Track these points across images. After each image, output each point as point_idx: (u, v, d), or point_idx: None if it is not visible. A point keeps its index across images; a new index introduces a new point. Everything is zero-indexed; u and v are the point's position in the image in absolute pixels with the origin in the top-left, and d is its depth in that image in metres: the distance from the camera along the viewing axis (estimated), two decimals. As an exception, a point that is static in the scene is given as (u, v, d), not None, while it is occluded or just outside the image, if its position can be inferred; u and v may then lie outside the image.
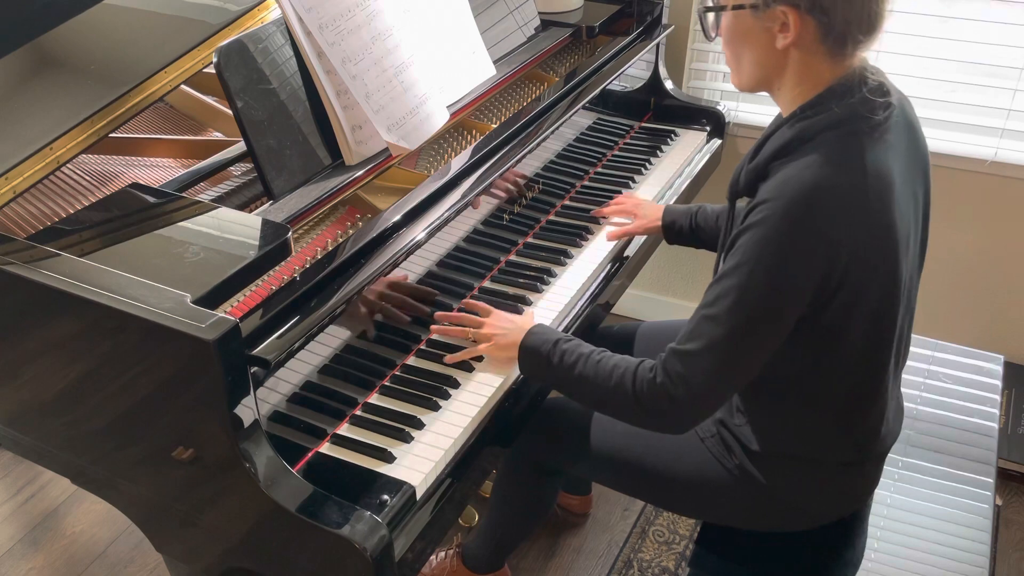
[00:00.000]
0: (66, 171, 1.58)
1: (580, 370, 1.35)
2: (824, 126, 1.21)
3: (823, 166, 1.18)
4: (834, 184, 1.18)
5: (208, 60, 1.56)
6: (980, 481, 1.77)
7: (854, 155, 1.20)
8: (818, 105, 1.23)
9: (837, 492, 1.44)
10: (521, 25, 2.04)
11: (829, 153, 1.19)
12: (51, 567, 2.11)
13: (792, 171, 1.20)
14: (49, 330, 1.23)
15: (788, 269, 1.19)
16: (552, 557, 2.11)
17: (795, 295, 1.21)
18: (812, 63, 1.23)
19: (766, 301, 1.20)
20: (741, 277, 1.20)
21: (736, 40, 1.27)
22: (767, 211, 1.19)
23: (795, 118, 1.24)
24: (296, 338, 1.24)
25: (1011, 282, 2.38)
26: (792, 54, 1.23)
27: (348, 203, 1.55)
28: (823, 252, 1.18)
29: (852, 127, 1.21)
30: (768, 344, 1.25)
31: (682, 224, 1.76)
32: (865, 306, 1.25)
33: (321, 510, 1.14)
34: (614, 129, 2.21)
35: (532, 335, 1.43)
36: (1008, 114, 2.23)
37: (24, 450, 1.43)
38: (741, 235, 1.21)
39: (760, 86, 1.30)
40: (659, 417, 1.30)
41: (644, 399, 1.28)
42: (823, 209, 1.17)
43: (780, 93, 1.29)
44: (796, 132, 1.22)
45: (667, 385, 1.26)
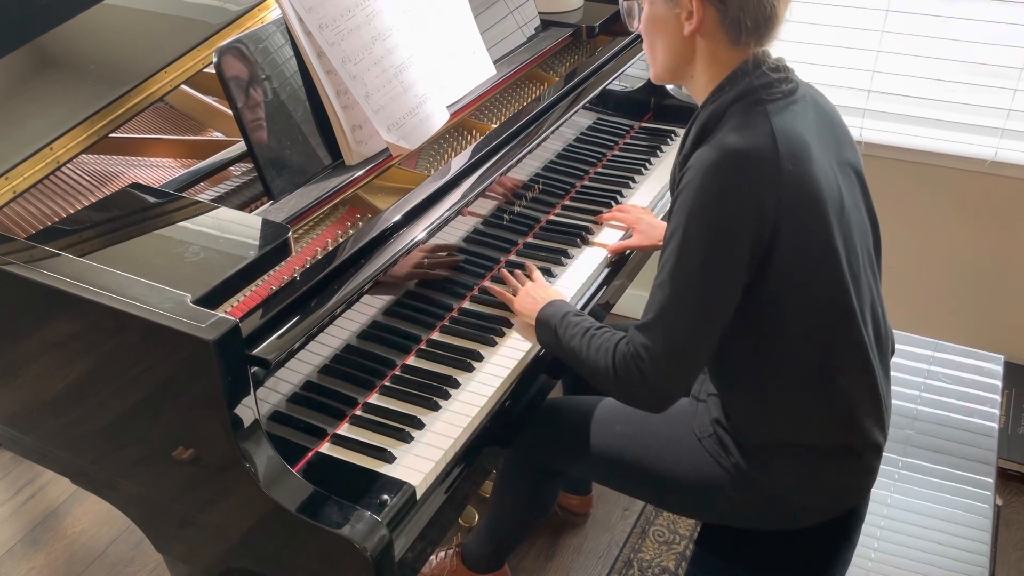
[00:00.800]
0: (66, 171, 1.58)
1: (576, 343, 1.41)
2: (730, 101, 1.29)
3: (732, 132, 1.27)
4: (744, 144, 1.25)
5: (208, 60, 1.56)
6: (980, 481, 1.77)
7: (760, 120, 1.27)
8: (724, 87, 1.31)
9: (834, 487, 1.44)
10: (521, 25, 2.04)
11: (737, 122, 1.27)
12: (51, 567, 2.11)
13: (710, 144, 1.28)
14: (49, 330, 1.23)
15: (719, 220, 1.24)
16: (552, 557, 2.11)
17: (731, 247, 1.25)
18: (716, 51, 1.31)
19: (705, 255, 1.25)
20: (676, 239, 1.27)
21: (651, 29, 1.36)
22: (689, 176, 1.27)
23: (707, 102, 1.32)
24: (296, 338, 1.24)
25: (1011, 282, 2.38)
26: (698, 42, 1.31)
27: (348, 203, 1.55)
28: (748, 205, 1.24)
29: (755, 97, 1.28)
30: (718, 304, 1.28)
31: None
32: (802, 274, 1.29)
33: (321, 510, 1.14)
34: (614, 129, 2.21)
35: (548, 306, 1.50)
36: (1008, 114, 2.23)
37: (24, 450, 1.43)
38: (673, 204, 1.30)
39: (674, 76, 1.38)
40: (634, 390, 1.34)
41: (621, 373, 1.33)
42: (739, 167, 1.24)
43: (693, 81, 1.36)
44: (708, 114, 1.31)
45: (637, 359, 1.31)
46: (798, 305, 1.31)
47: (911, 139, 2.33)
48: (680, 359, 1.31)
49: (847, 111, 2.39)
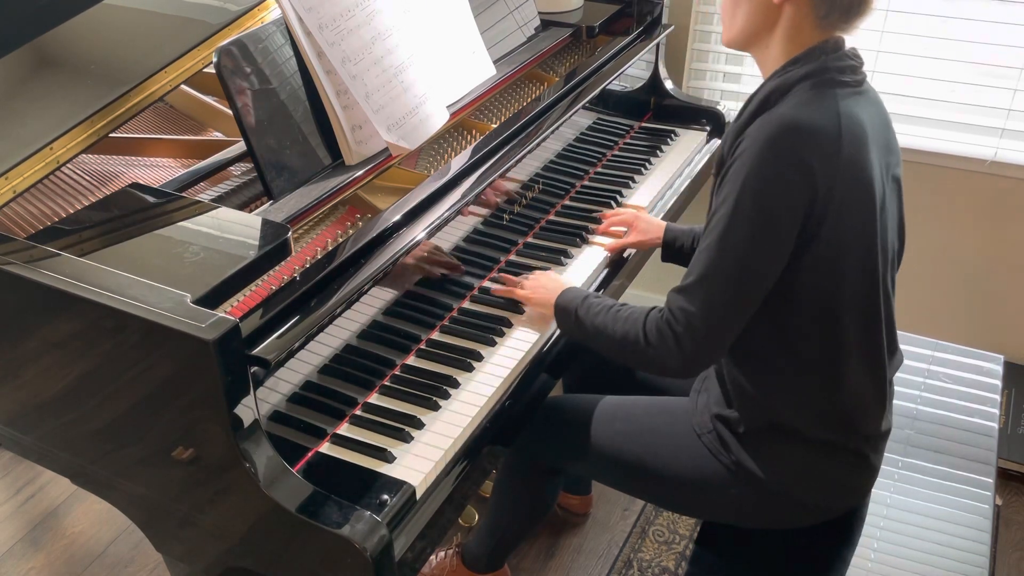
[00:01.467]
0: (66, 171, 1.58)
1: (601, 320, 1.42)
2: (799, 77, 1.28)
3: (797, 106, 1.26)
4: (808, 120, 1.24)
5: (208, 60, 1.56)
6: (980, 481, 1.77)
7: (828, 101, 1.27)
8: (800, 60, 1.29)
9: (835, 485, 1.44)
10: (521, 25, 2.04)
11: (804, 97, 1.27)
12: (51, 567, 2.11)
13: (770, 116, 1.27)
14: (49, 330, 1.23)
15: (773, 190, 1.24)
16: (552, 557, 2.11)
17: (781, 218, 1.25)
18: (802, 25, 1.29)
19: (755, 222, 1.25)
20: (728, 206, 1.26)
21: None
22: (747, 144, 1.26)
23: (778, 74, 1.30)
24: (296, 338, 1.24)
25: (1011, 282, 2.38)
26: (785, 11, 1.29)
27: (348, 203, 1.55)
28: (802, 178, 1.24)
29: (826, 78, 1.28)
30: (761, 274, 1.28)
31: (683, 243, 1.76)
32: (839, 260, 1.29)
33: (321, 510, 1.14)
34: (614, 129, 2.21)
35: (565, 293, 1.52)
36: (1008, 114, 2.23)
37: (24, 450, 1.43)
38: (726, 171, 1.28)
39: (748, 42, 1.36)
40: (664, 356, 1.34)
41: (652, 338, 1.34)
42: (799, 139, 1.23)
43: (766, 52, 1.34)
44: (775, 85, 1.29)
45: (671, 322, 1.32)
46: (828, 291, 1.31)
47: (911, 139, 2.33)
48: (716, 325, 1.31)
49: (847, 111, 2.39)
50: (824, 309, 1.32)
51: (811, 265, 1.28)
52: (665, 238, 1.78)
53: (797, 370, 1.37)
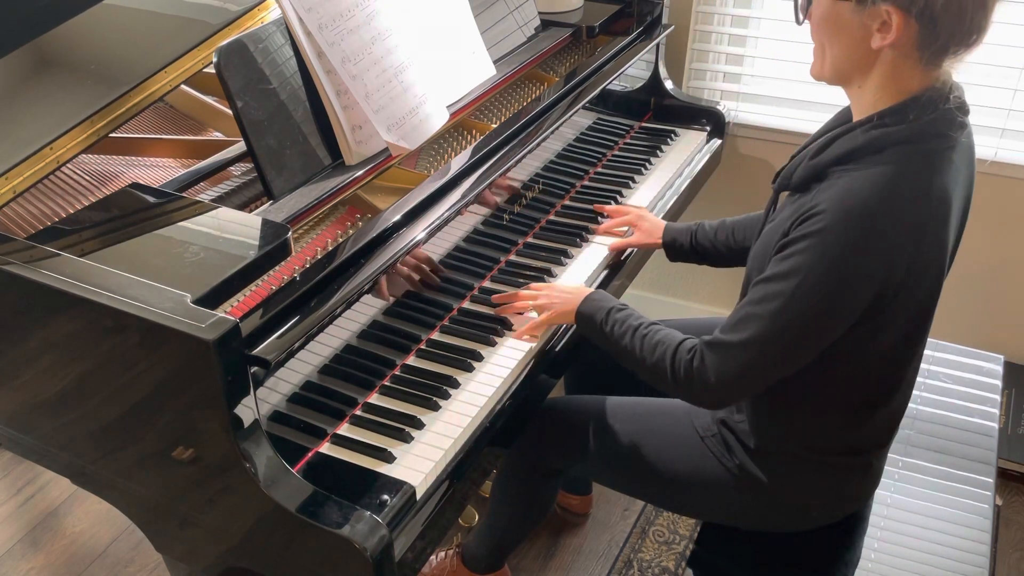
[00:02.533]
0: (66, 171, 1.58)
1: (628, 342, 1.40)
2: (898, 139, 1.17)
3: (890, 187, 1.15)
4: (898, 208, 1.16)
5: (208, 60, 1.56)
6: (980, 481, 1.77)
7: (922, 179, 1.17)
8: (898, 113, 1.18)
9: (839, 492, 1.44)
10: (521, 25, 2.04)
11: (897, 173, 1.16)
12: (51, 567, 2.11)
13: (856, 183, 1.17)
14: (49, 330, 1.23)
15: (841, 287, 1.18)
16: (552, 557, 2.11)
17: (843, 312, 1.21)
18: (903, 68, 1.18)
19: (813, 313, 1.21)
20: (791, 285, 1.20)
21: (828, 30, 1.21)
22: (826, 222, 1.16)
23: (871, 124, 1.19)
24: (296, 338, 1.24)
25: (1011, 282, 2.38)
26: (885, 56, 1.18)
27: (348, 203, 1.55)
28: (878, 275, 1.18)
29: (926, 145, 1.18)
30: (807, 351, 1.26)
31: (682, 242, 1.76)
32: (902, 322, 1.26)
33: (321, 510, 1.14)
34: (614, 129, 2.21)
35: (588, 302, 1.49)
36: (1008, 114, 2.23)
37: (24, 450, 1.43)
38: (796, 241, 1.20)
39: (840, 81, 1.25)
40: (692, 396, 1.35)
41: (680, 379, 1.33)
42: (884, 232, 1.16)
43: (860, 92, 1.24)
44: (868, 140, 1.18)
45: (702, 371, 1.30)
46: (877, 352, 1.28)
47: (911, 139, 2.33)
48: (748, 386, 1.31)
49: (847, 111, 2.39)
50: (869, 364, 1.30)
51: (864, 333, 1.25)
52: (664, 240, 1.78)
53: (821, 415, 1.36)
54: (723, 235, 1.71)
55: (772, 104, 2.48)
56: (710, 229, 1.73)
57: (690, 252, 1.76)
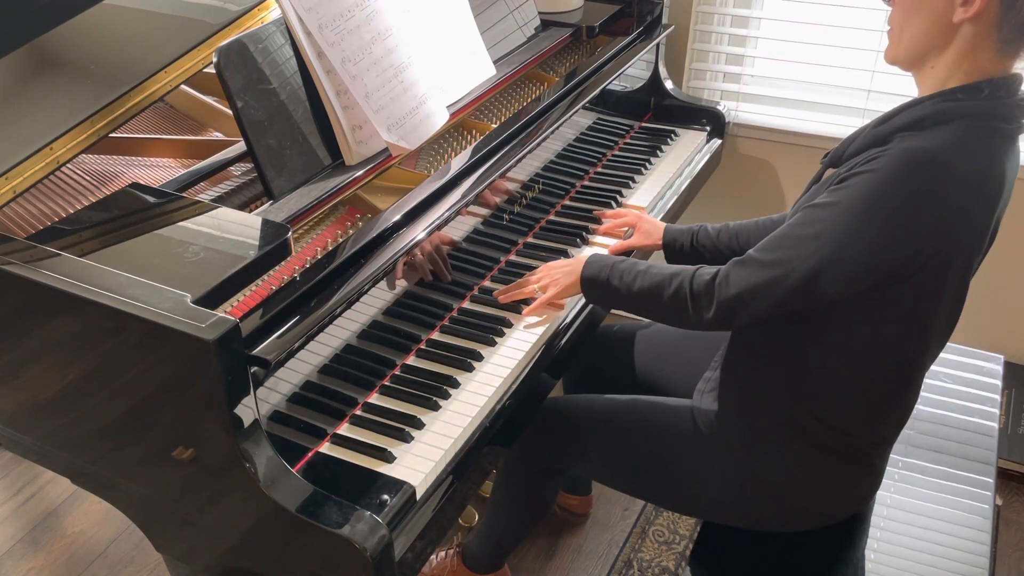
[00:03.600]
0: (66, 171, 1.58)
1: (640, 284, 1.41)
2: (968, 112, 1.18)
3: (954, 145, 1.17)
4: (957, 166, 1.16)
5: (208, 60, 1.56)
6: (980, 481, 1.77)
7: (986, 149, 1.18)
8: (971, 91, 1.19)
9: (841, 491, 1.44)
10: (521, 25, 2.04)
11: (963, 140, 1.17)
12: (51, 567, 2.11)
13: (921, 142, 1.17)
14: (49, 330, 1.23)
15: (886, 227, 1.18)
16: (552, 557, 2.11)
17: (879, 255, 1.19)
18: (979, 47, 1.19)
19: (849, 247, 1.19)
20: (835, 214, 1.19)
21: (911, 5, 1.22)
22: (886, 160, 1.17)
23: (941, 97, 1.21)
24: (296, 338, 1.24)
25: (1011, 282, 2.38)
26: (963, 31, 1.18)
27: (348, 203, 1.55)
28: (922, 224, 1.17)
29: (993, 123, 1.19)
30: (829, 287, 1.23)
31: (682, 243, 1.76)
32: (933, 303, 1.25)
33: (321, 510, 1.14)
34: (614, 129, 2.21)
35: (589, 265, 1.51)
36: (1008, 114, 2.22)
37: (24, 450, 1.43)
38: (853, 175, 1.20)
39: (915, 61, 1.26)
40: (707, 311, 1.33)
41: (700, 296, 1.34)
42: (937, 184, 1.16)
43: (932, 71, 1.24)
44: (937, 110, 1.19)
45: (723, 285, 1.31)
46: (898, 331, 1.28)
47: (911, 139, 2.33)
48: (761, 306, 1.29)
49: (847, 111, 2.39)
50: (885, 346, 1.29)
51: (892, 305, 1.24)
52: (664, 240, 1.78)
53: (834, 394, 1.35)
54: (726, 237, 1.70)
55: (772, 104, 2.48)
56: (712, 231, 1.72)
57: (690, 253, 1.76)
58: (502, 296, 1.61)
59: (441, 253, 1.56)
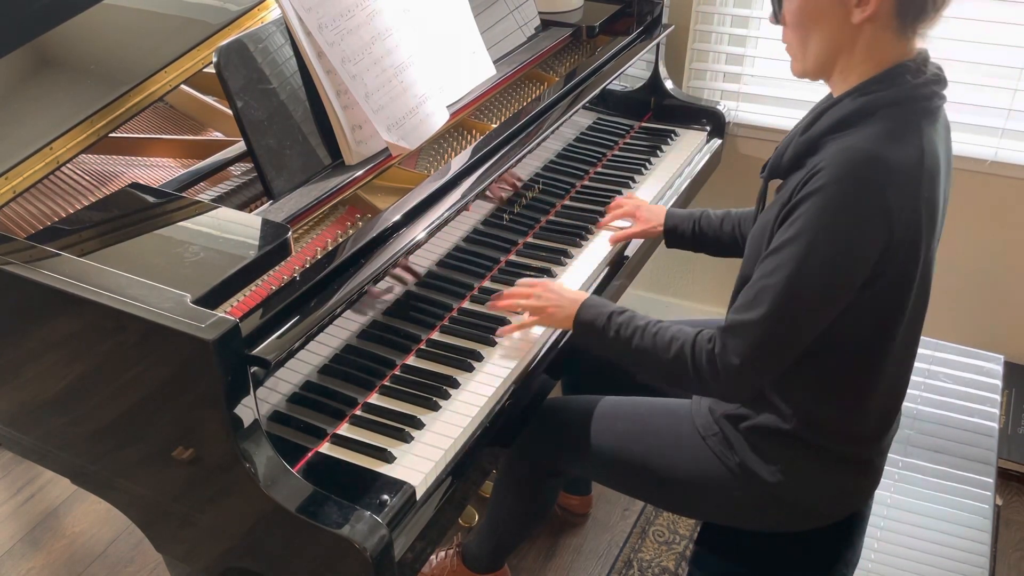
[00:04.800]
0: (66, 171, 1.58)
1: (638, 343, 1.38)
2: (888, 102, 1.21)
3: (884, 139, 1.19)
4: (894, 158, 1.18)
5: (208, 60, 1.56)
6: (980, 481, 1.77)
7: (913, 133, 1.21)
8: (885, 80, 1.22)
9: (840, 490, 1.44)
10: (521, 25, 2.04)
11: (891, 128, 1.20)
12: (51, 567, 2.11)
13: (851, 141, 1.20)
14: (49, 330, 1.23)
15: (849, 236, 1.19)
16: (552, 557, 2.11)
17: (856, 264, 1.21)
18: (882, 39, 1.22)
19: (828, 270, 1.20)
20: (801, 247, 1.20)
21: (807, 19, 1.24)
22: (825, 179, 1.18)
23: (857, 92, 1.23)
24: (296, 338, 1.24)
25: (1011, 282, 2.38)
26: (865, 29, 1.21)
27: (348, 203, 1.55)
28: (882, 221, 1.18)
29: (915, 106, 1.22)
30: (826, 314, 1.25)
31: (684, 229, 1.76)
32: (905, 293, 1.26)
33: (321, 510, 1.14)
34: (614, 129, 2.21)
35: (586, 309, 1.46)
36: (1008, 114, 2.23)
37: (24, 450, 1.43)
38: (799, 204, 1.21)
39: (824, 68, 1.28)
40: (718, 385, 1.32)
41: (703, 370, 1.31)
42: (882, 180, 1.17)
43: (842, 75, 1.26)
44: (858, 106, 1.22)
45: (724, 356, 1.29)
46: (881, 320, 1.28)
47: (911, 139, 2.33)
48: (773, 364, 1.29)
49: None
50: (875, 334, 1.30)
51: (871, 297, 1.25)
52: (666, 225, 1.78)
53: (831, 387, 1.36)
54: (729, 226, 1.71)
55: (772, 104, 2.47)
56: (715, 218, 1.72)
57: (691, 239, 1.76)
58: (491, 306, 1.58)
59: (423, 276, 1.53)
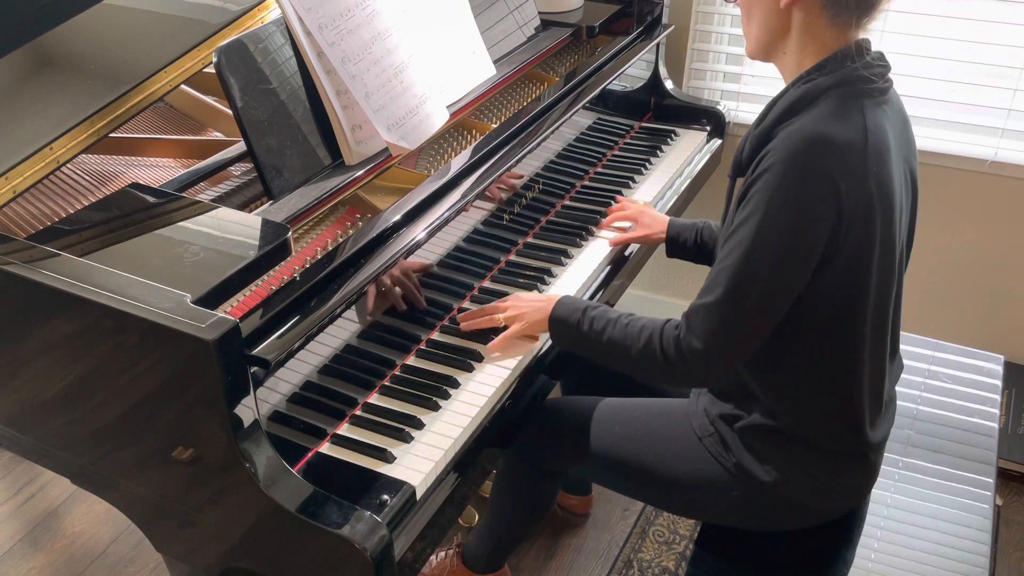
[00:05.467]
0: (66, 171, 1.58)
1: (609, 334, 1.40)
2: (828, 85, 1.25)
3: (826, 118, 1.23)
4: (837, 135, 1.21)
5: (208, 60, 1.56)
6: (980, 481, 1.77)
7: (855, 112, 1.24)
8: (822, 68, 1.26)
9: (837, 488, 1.44)
10: (521, 25, 2.04)
11: (832, 108, 1.23)
12: (51, 567, 2.11)
13: (797, 125, 1.24)
14: (49, 330, 1.23)
15: (800, 206, 1.21)
16: (552, 557, 2.11)
17: (808, 235, 1.23)
18: (815, 27, 1.26)
19: (780, 248, 1.23)
20: (753, 226, 1.23)
21: (747, 2, 1.31)
22: (773, 158, 1.22)
23: (800, 81, 1.27)
24: (296, 338, 1.24)
25: (1011, 282, 2.38)
26: (795, 15, 1.26)
27: (348, 203, 1.55)
28: (830, 196, 1.21)
29: (854, 87, 1.25)
30: (784, 293, 1.26)
31: (687, 238, 1.76)
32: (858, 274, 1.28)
33: (321, 510, 1.14)
34: (614, 129, 2.21)
35: (560, 306, 1.48)
36: (1008, 114, 2.23)
37: (24, 450, 1.43)
38: (750, 187, 1.25)
39: (767, 51, 1.33)
40: (685, 371, 1.34)
41: (671, 357, 1.33)
42: (827, 156, 1.21)
43: (785, 59, 1.32)
44: (800, 94, 1.26)
45: (688, 340, 1.31)
46: (845, 302, 1.29)
47: (911, 139, 2.33)
48: (738, 345, 1.31)
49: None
50: (840, 318, 1.31)
51: (830, 278, 1.26)
52: (668, 234, 1.78)
53: (806, 376, 1.36)
54: None
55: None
56: (717, 229, 1.72)
57: (692, 249, 1.76)
58: (465, 323, 1.55)
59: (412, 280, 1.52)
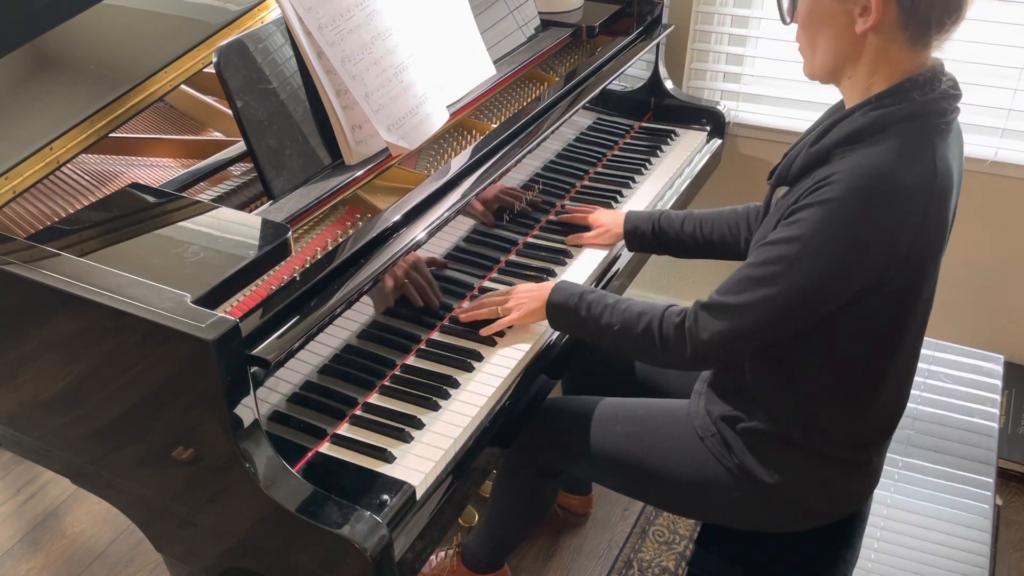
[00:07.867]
0: (66, 171, 1.58)
1: (608, 319, 1.40)
2: (901, 117, 1.19)
3: (897, 157, 1.17)
4: (906, 178, 1.17)
5: (208, 60, 1.56)
6: (980, 481, 1.77)
7: (927, 152, 1.19)
8: (897, 94, 1.20)
9: (839, 490, 1.44)
10: (521, 25, 2.04)
11: (904, 146, 1.18)
12: (51, 567, 2.11)
13: (863, 158, 1.18)
14: (49, 330, 1.23)
15: (847, 251, 1.19)
16: (552, 557, 2.11)
17: (846, 280, 1.21)
18: (890, 51, 1.20)
19: (817, 278, 1.21)
20: (795, 250, 1.20)
21: (813, 24, 1.24)
22: (835, 192, 1.17)
23: (869, 105, 1.21)
24: (296, 338, 1.24)
25: (1011, 282, 2.38)
26: (870, 40, 1.20)
27: (348, 203, 1.55)
28: (884, 243, 1.18)
29: (928, 122, 1.20)
30: (804, 318, 1.26)
31: (644, 230, 1.75)
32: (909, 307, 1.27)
33: (321, 510, 1.14)
34: (614, 129, 2.21)
35: (557, 291, 1.49)
36: (1008, 114, 2.23)
37: (24, 450, 1.43)
38: (805, 208, 1.20)
39: (832, 75, 1.27)
40: (679, 356, 1.34)
41: (669, 341, 1.34)
42: (891, 202, 1.17)
43: (851, 82, 1.26)
44: (869, 120, 1.20)
45: (694, 330, 1.31)
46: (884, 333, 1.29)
47: (911, 139, 2.33)
48: (741, 347, 1.31)
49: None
50: (876, 347, 1.30)
51: (870, 308, 1.25)
52: (626, 227, 1.77)
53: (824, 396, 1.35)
54: (690, 226, 1.70)
55: (772, 104, 2.48)
56: (676, 218, 1.72)
57: (651, 238, 1.75)
58: (464, 315, 1.56)
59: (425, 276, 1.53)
